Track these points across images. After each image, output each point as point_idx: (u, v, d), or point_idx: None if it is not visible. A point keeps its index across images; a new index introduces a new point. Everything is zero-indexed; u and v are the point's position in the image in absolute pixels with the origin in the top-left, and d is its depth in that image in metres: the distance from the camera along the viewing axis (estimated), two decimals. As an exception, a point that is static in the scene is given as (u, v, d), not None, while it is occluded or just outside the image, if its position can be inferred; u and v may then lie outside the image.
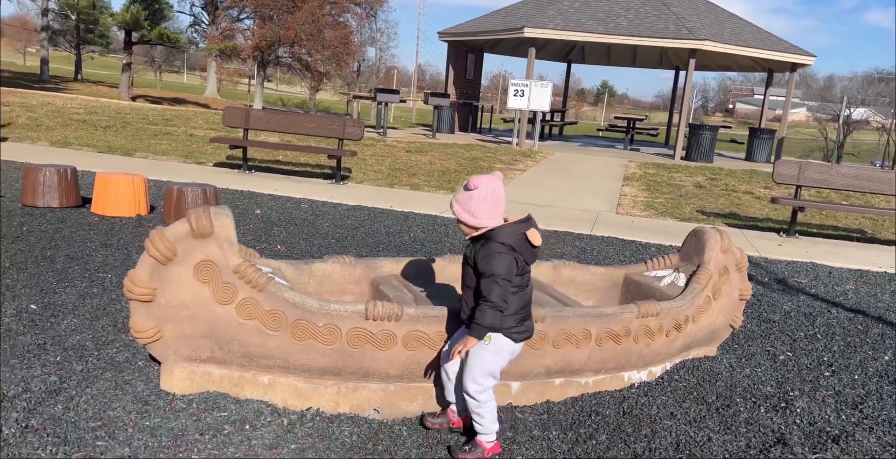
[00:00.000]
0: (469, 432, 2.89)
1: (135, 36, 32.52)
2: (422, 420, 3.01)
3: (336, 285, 3.75)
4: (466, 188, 2.70)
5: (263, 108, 34.02)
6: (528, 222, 2.76)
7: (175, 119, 15.40)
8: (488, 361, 2.75)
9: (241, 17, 38.03)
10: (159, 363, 3.16)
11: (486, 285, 2.64)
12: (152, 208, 6.88)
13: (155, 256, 2.83)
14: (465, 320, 2.81)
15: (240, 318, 2.88)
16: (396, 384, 3.06)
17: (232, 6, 35.65)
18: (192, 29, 41.66)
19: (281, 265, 3.59)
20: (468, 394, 2.77)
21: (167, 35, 32.32)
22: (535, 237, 2.72)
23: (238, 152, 10.79)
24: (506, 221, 2.74)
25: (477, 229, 2.72)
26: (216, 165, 10.47)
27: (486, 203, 2.68)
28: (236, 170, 10.06)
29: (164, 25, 35.54)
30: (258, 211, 7.20)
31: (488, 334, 2.70)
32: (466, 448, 2.79)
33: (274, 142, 12.33)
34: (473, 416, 2.79)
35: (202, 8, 39.69)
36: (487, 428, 2.78)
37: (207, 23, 38.87)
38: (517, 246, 2.69)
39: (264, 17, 33.05)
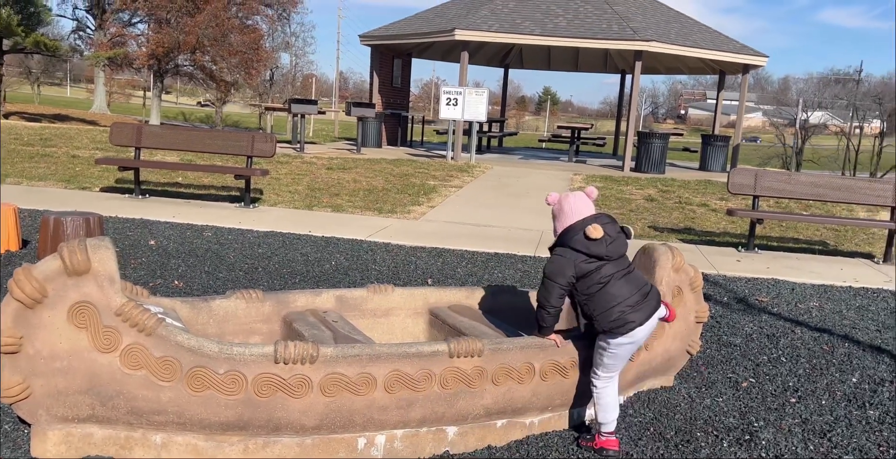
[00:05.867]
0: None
1: (6, 44, 31.48)
2: None
3: (241, 324, 3.65)
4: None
5: (161, 123, 33.38)
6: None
7: (55, 138, 14.91)
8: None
9: (134, 21, 37.37)
10: (29, 426, 3.00)
11: None
12: (25, 243, 6.61)
13: (20, 298, 2.70)
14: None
15: (125, 368, 2.77)
16: (314, 437, 2.99)
17: (122, 8, 34.98)
18: (76, 35, 40.65)
19: (175, 304, 3.48)
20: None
21: (44, 43, 31.39)
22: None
23: (129, 175, 10.50)
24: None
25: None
26: (103, 189, 10.17)
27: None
28: (127, 195, 9.79)
29: (42, 32, 34.53)
30: (152, 242, 7.00)
31: None
32: (588, 436, 3.37)
33: (171, 162, 12.07)
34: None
35: (87, 11, 38.83)
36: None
37: (94, 28, 38.03)
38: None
39: (160, 21, 32.53)
